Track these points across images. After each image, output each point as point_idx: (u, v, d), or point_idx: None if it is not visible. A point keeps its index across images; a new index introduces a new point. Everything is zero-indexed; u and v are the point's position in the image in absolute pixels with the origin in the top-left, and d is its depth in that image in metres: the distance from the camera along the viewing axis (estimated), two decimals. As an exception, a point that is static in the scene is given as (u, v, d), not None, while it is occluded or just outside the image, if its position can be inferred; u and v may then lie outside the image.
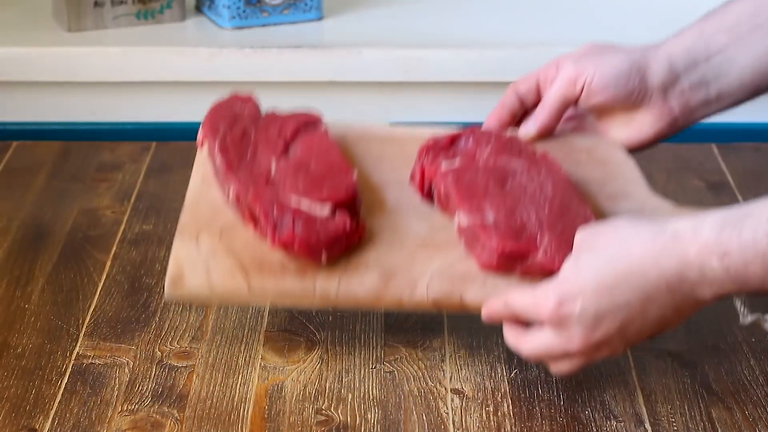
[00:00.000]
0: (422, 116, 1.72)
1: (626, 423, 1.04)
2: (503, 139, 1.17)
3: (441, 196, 1.13)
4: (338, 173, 1.13)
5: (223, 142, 1.16)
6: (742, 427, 1.04)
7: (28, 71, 1.66)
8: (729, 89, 1.18)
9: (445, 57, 1.68)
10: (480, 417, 1.05)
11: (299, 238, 1.06)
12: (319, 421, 1.04)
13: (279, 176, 1.12)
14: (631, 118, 1.21)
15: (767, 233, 0.92)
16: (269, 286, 1.06)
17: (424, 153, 1.16)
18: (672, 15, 1.80)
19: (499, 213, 1.08)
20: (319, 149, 1.16)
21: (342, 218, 1.08)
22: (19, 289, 1.23)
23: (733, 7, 1.17)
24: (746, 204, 0.95)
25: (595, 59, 1.19)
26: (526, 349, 1.03)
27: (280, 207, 1.08)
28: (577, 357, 1.01)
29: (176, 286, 1.06)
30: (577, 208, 1.09)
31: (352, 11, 1.81)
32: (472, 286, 1.06)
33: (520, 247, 1.05)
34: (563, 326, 0.99)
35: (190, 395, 1.07)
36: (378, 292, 1.05)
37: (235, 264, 1.07)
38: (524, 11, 1.81)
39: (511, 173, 1.13)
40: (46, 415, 1.04)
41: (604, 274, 0.97)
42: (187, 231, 1.10)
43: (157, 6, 1.74)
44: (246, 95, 1.22)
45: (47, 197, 1.42)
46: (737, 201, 1.42)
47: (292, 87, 1.69)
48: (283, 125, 1.19)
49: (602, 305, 0.98)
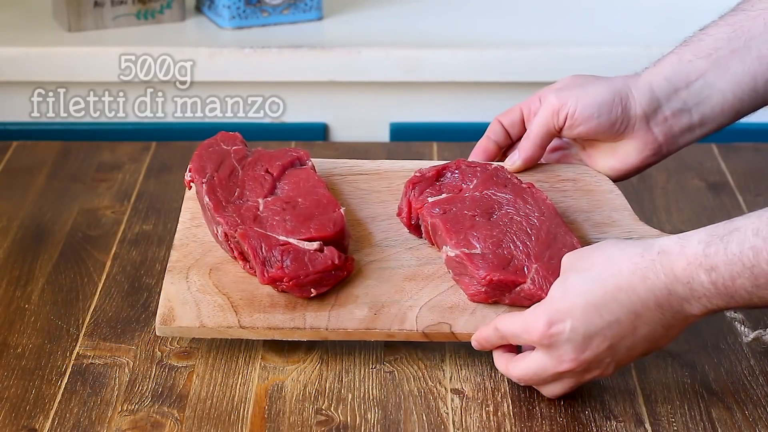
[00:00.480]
0: (422, 116, 1.72)
1: (626, 423, 1.04)
2: (489, 170, 1.19)
3: (428, 229, 1.15)
4: (325, 210, 1.15)
5: (210, 183, 1.17)
6: (742, 427, 1.04)
7: (28, 71, 1.66)
8: (712, 114, 1.19)
9: (445, 57, 1.68)
10: (480, 417, 1.05)
11: (288, 274, 1.08)
12: (319, 421, 1.04)
13: (267, 213, 1.14)
14: (615, 148, 1.22)
15: (753, 247, 0.92)
16: (259, 321, 1.08)
17: (411, 187, 1.17)
18: (672, 15, 1.80)
19: (486, 244, 1.10)
20: (306, 186, 1.18)
21: (330, 253, 1.10)
22: (19, 289, 1.23)
23: (710, 31, 1.18)
24: (733, 220, 0.95)
25: (576, 90, 1.20)
26: (516, 373, 1.04)
27: (268, 244, 1.10)
28: (567, 377, 1.02)
29: (167, 323, 1.08)
30: (563, 238, 1.11)
31: (352, 11, 1.81)
32: (461, 317, 1.08)
33: (508, 277, 1.08)
34: (554, 347, 1.00)
35: (190, 395, 1.07)
36: (368, 325, 1.08)
37: (225, 301, 1.10)
38: (524, 11, 1.81)
39: (497, 204, 1.15)
40: (46, 415, 1.04)
41: (593, 293, 0.98)
42: (177, 269, 1.13)
43: (157, 6, 1.74)
44: (233, 134, 1.24)
45: (47, 197, 1.42)
46: (737, 201, 1.42)
47: (292, 87, 1.69)
48: (270, 163, 1.20)
49: (592, 324, 0.98)
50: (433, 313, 1.09)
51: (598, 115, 1.18)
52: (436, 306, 1.09)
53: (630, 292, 0.97)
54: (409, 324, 1.08)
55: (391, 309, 1.09)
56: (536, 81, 1.69)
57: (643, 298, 0.96)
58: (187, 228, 1.18)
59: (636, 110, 1.18)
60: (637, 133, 1.19)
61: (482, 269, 1.08)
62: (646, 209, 1.39)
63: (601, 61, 1.67)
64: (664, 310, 0.97)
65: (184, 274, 1.12)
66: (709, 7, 1.27)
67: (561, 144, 1.28)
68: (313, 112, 1.72)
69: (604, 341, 0.98)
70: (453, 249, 1.10)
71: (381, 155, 1.54)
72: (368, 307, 1.09)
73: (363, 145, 1.59)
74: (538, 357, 1.01)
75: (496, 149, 1.25)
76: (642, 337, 0.98)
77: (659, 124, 1.19)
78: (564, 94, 1.20)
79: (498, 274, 1.08)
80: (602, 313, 0.98)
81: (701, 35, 1.18)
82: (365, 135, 1.70)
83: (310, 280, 1.09)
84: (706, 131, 1.20)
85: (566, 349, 0.99)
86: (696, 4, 1.79)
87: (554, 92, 1.21)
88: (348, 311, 1.09)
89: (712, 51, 1.16)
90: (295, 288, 1.09)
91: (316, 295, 1.09)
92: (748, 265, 0.92)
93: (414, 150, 1.56)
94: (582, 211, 1.20)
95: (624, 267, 0.97)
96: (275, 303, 1.10)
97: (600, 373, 1.01)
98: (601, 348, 0.99)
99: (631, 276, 0.97)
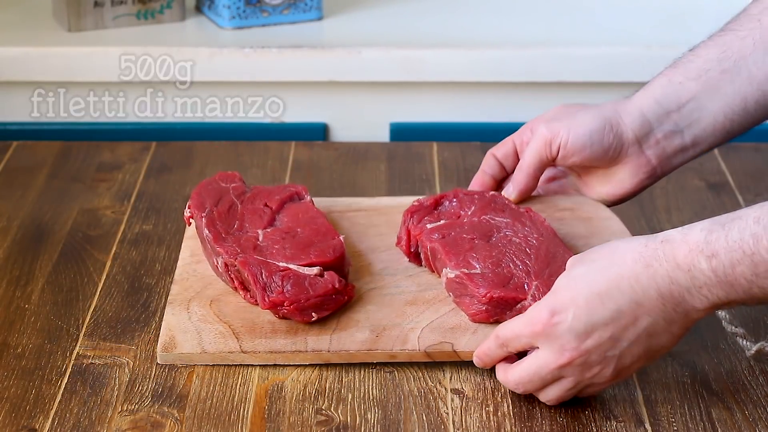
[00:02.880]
0: (422, 116, 1.72)
1: (626, 423, 1.04)
2: (487, 197, 1.20)
3: (427, 253, 1.16)
4: (325, 237, 1.16)
5: (210, 216, 1.19)
6: (742, 427, 1.04)
7: (28, 71, 1.66)
8: (703, 135, 1.20)
9: (445, 57, 1.68)
10: (480, 417, 1.05)
11: (289, 298, 1.09)
12: (319, 421, 1.04)
13: (266, 243, 1.15)
14: (610, 173, 1.23)
15: (754, 234, 0.92)
16: (261, 346, 1.09)
17: (409, 216, 1.19)
18: (672, 15, 1.80)
19: (485, 263, 1.12)
20: (305, 217, 1.19)
21: (331, 278, 1.11)
22: (19, 289, 1.23)
23: (700, 52, 1.19)
24: (737, 210, 0.96)
25: (567, 120, 1.21)
26: (515, 377, 1.04)
27: (268, 270, 1.11)
28: (567, 376, 1.02)
29: (168, 350, 1.09)
30: (563, 256, 1.12)
31: (352, 11, 1.81)
32: (463, 336, 1.10)
33: (509, 294, 1.09)
34: (555, 337, 1.00)
35: (190, 395, 1.07)
36: (370, 346, 1.09)
37: (226, 328, 1.11)
38: (524, 11, 1.81)
39: (495, 228, 1.16)
40: (46, 415, 1.04)
41: (596, 282, 0.98)
42: (177, 301, 1.14)
43: (157, 6, 1.74)
44: (231, 173, 1.25)
45: (47, 197, 1.42)
46: (737, 201, 1.42)
47: (292, 87, 1.69)
48: (269, 197, 1.21)
49: (594, 312, 0.98)
50: (435, 333, 1.10)
51: (591, 143, 1.19)
52: (438, 327, 1.11)
53: (632, 279, 0.97)
54: (411, 344, 1.09)
55: (393, 331, 1.10)
56: (536, 81, 1.69)
57: (645, 286, 0.97)
58: (187, 264, 1.19)
59: (628, 135, 1.20)
60: (631, 158, 1.21)
61: (482, 287, 1.09)
62: (646, 209, 1.39)
63: (601, 61, 1.68)
64: (665, 300, 0.97)
65: (185, 305, 1.14)
66: (709, 7, 1.28)
67: (557, 173, 1.30)
68: (313, 112, 1.72)
69: (606, 330, 0.98)
70: (453, 270, 1.12)
71: (381, 155, 1.55)
72: (370, 330, 1.10)
73: (363, 145, 1.59)
74: (538, 353, 1.01)
75: (492, 182, 1.27)
76: (644, 329, 0.98)
77: (652, 146, 1.20)
78: (555, 125, 1.21)
79: (498, 291, 1.09)
80: (604, 301, 0.98)
81: (691, 56, 1.19)
82: (365, 135, 1.70)
83: (311, 304, 1.10)
84: (699, 151, 1.22)
85: (568, 339, 0.99)
86: (696, 4, 1.79)
87: (545, 123, 1.22)
88: (349, 334, 1.10)
89: (702, 72, 1.17)
90: (296, 312, 1.10)
91: (317, 319, 1.10)
92: (748, 252, 0.93)
93: (414, 150, 1.56)
94: (581, 237, 1.21)
95: (628, 256, 0.98)
96: (276, 329, 1.11)
97: (599, 370, 1.01)
98: (603, 338, 0.99)
99: (634, 264, 0.97)
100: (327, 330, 1.11)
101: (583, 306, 0.98)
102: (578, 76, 1.68)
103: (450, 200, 1.20)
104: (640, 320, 0.98)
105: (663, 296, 0.97)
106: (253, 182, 1.46)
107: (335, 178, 1.49)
